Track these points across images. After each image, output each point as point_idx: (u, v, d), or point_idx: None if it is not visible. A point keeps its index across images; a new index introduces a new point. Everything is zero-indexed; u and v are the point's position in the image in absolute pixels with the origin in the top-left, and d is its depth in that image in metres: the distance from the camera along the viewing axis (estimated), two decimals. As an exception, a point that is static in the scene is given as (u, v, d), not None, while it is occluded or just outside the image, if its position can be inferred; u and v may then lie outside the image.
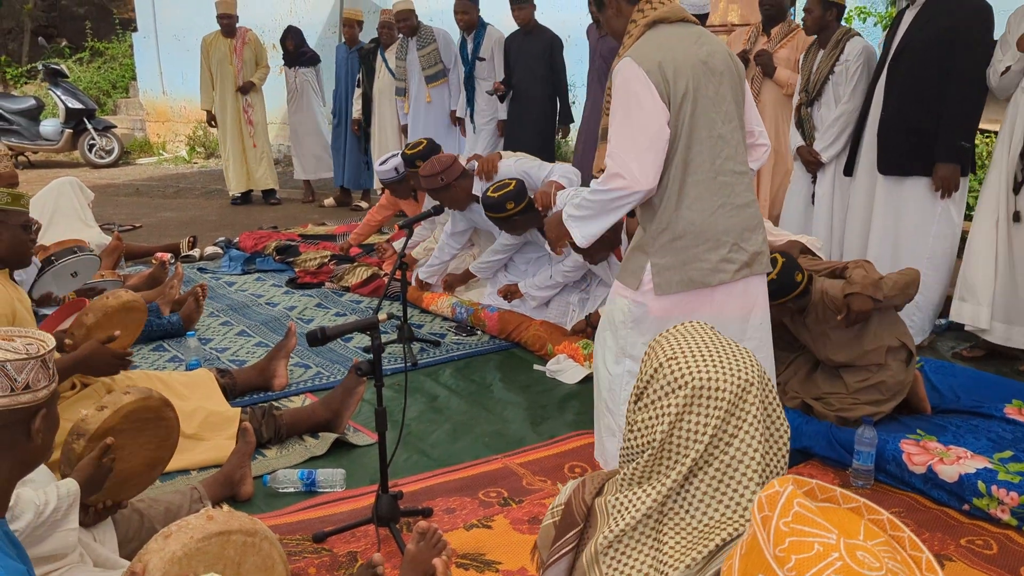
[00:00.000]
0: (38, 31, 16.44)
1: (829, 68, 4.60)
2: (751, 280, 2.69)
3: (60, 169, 11.30)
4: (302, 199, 9.10)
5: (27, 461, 1.65)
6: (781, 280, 3.27)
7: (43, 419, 1.62)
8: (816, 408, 3.37)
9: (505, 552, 2.67)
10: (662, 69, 2.49)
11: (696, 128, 2.55)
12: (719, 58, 2.61)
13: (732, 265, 2.61)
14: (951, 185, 4.12)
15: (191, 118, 12.56)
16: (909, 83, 4.12)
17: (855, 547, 1.00)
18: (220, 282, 5.92)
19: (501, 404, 3.90)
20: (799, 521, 1.04)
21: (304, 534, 2.77)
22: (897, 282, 3.31)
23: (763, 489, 1.11)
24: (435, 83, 7.34)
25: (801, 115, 4.78)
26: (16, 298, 3.04)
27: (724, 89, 2.60)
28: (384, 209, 6.20)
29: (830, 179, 4.75)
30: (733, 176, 2.62)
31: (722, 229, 2.59)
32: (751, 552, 1.08)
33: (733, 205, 2.61)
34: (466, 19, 6.88)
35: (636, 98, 2.50)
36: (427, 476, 3.20)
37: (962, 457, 2.99)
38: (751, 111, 2.77)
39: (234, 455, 3.05)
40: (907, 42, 4.14)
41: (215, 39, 8.49)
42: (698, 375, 1.41)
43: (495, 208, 4.46)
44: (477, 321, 4.82)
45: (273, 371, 3.96)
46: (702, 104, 2.54)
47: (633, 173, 2.50)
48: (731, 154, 2.62)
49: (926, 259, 4.20)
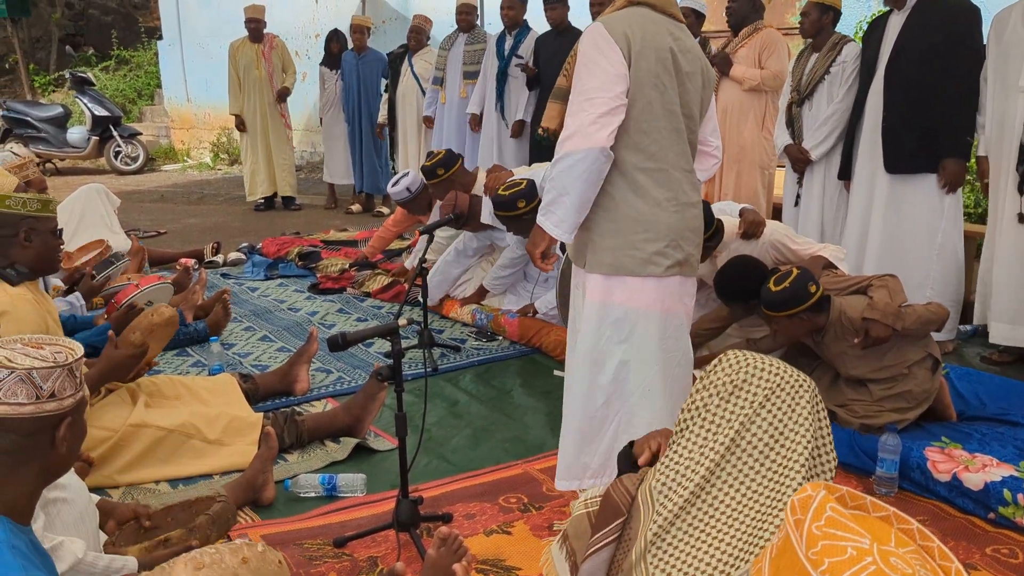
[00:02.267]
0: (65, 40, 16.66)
1: (825, 69, 4.71)
2: (683, 280, 2.68)
3: (87, 176, 11.42)
4: (325, 205, 9.15)
5: (52, 469, 1.65)
6: (794, 289, 3.23)
7: (68, 427, 1.62)
8: (839, 415, 3.34)
9: (525, 558, 2.67)
10: (628, 40, 2.48)
11: (652, 116, 2.53)
12: (691, 58, 2.60)
13: (666, 260, 2.59)
14: (959, 180, 4.20)
15: (215, 125, 12.67)
16: (911, 84, 4.21)
17: (888, 553, 1.00)
18: (243, 287, 5.96)
19: (521, 409, 3.90)
20: (832, 525, 1.05)
21: (324, 539, 2.78)
22: (921, 316, 3.25)
23: (796, 493, 1.12)
24: (472, 81, 7.39)
25: (792, 114, 4.89)
26: (47, 310, 3.07)
27: (690, 87, 2.59)
28: (399, 224, 6.18)
29: (820, 180, 4.84)
30: (683, 173, 2.62)
31: (664, 223, 2.58)
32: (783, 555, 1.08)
33: (679, 202, 2.61)
34: (511, 15, 6.92)
35: (598, 60, 2.49)
36: (447, 481, 3.20)
37: (988, 465, 2.95)
38: (710, 122, 2.78)
39: (257, 460, 3.07)
40: (902, 46, 4.24)
41: (242, 44, 8.58)
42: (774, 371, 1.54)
43: (506, 206, 4.45)
44: (497, 327, 4.82)
45: (295, 376, 3.98)
46: (661, 94, 2.53)
47: (585, 131, 2.45)
48: (684, 151, 2.62)
49: (935, 254, 4.27)
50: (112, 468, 3.08)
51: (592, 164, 2.47)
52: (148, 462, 3.14)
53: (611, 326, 2.65)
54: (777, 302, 3.26)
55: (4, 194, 3.06)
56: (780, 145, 5.01)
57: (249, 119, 8.68)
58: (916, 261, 4.31)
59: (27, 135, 11.54)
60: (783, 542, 1.10)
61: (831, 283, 3.46)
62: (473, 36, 7.41)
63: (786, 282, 3.23)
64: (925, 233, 4.29)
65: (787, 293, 3.22)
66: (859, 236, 4.53)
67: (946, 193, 4.24)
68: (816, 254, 3.73)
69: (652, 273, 2.59)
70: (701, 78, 2.65)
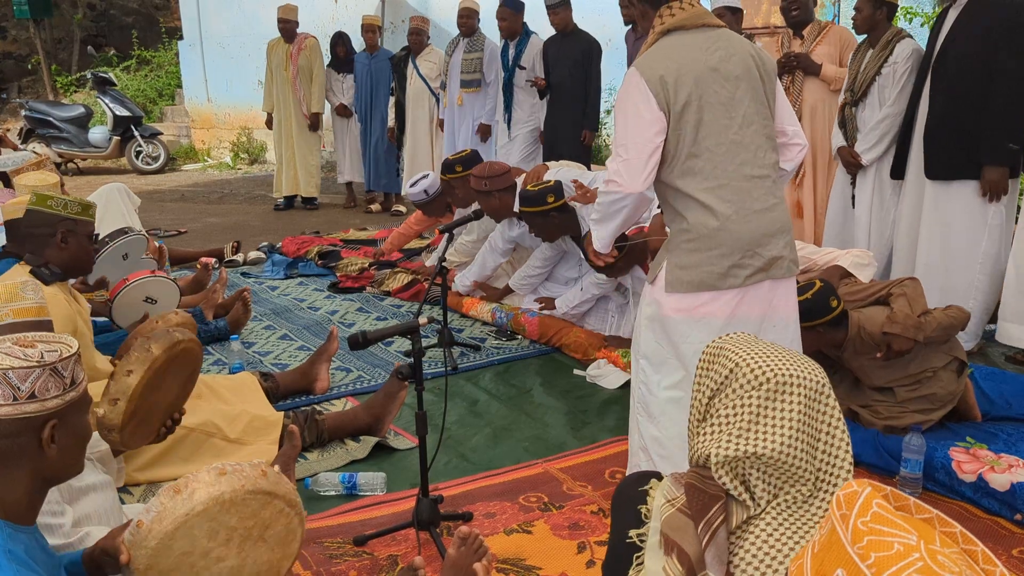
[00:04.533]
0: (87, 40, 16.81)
1: (877, 69, 4.51)
2: (768, 284, 2.65)
3: (108, 175, 11.52)
4: (344, 204, 9.19)
5: (46, 473, 1.59)
6: (816, 301, 3.18)
7: (54, 429, 1.55)
8: (863, 416, 3.31)
9: (545, 557, 2.66)
10: (663, 80, 2.53)
11: (704, 136, 2.56)
12: (736, 61, 2.60)
13: (744, 271, 2.59)
14: (1000, 188, 4.03)
15: (235, 125, 12.74)
16: (954, 84, 4.04)
17: (935, 552, 0.99)
18: (263, 286, 5.98)
19: (541, 409, 3.89)
20: (877, 521, 1.05)
21: (345, 537, 2.78)
22: (942, 323, 3.20)
23: (840, 488, 1.12)
24: (468, 89, 7.39)
25: (845, 115, 4.70)
26: (77, 312, 3.09)
27: (741, 93, 2.59)
28: (420, 223, 6.18)
29: (871, 183, 4.67)
30: (751, 181, 2.61)
31: (735, 236, 2.58)
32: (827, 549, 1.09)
33: (750, 210, 2.60)
34: (505, 26, 6.90)
35: (634, 108, 2.57)
36: (467, 480, 3.20)
37: (1014, 465, 2.91)
38: (783, 110, 2.75)
39: (280, 457, 3.07)
40: (950, 43, 4.06)
41: (277, 44, 8.66)
42: (779, 371, 1.54)
43: (534, 201, 4.44)
44: (517, 326, 4.82)
45: (315, 375, 3.99)
46: (710, 111, 2.55)
47: (623, 178, 2.59)
48: (748, 159, 2.60)
49: (978, 264, 4.13)
50: (132, 466, 3.10)
51: (629, 206, 2.66)
52: (169, 460, 3.16)
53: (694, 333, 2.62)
54: None
55: (48, 194, 3.10)
56: (834, 146, 4.81)
57: (277, 119, 8.76)
58: (960, 271, 4.17)
59: (49, 135, 11.65)
60: (827, 536, 1.10)
61: (849, 294, 3.41)
62: (472, 43, 7.36)
63: (808, 293, 3.19)
64: (966, 243, 4.14)
65: (807, 304, 3.18)
66: (909, 242, 4.38)
67: (988, 202, 4.07)
68: (834, 262, 3.67)
69: (732, 285, 2.59)
70: (758, 73, 2.63)
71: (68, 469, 1.64)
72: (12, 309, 2.20)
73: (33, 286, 2.32)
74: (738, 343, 1.63)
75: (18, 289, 2.25)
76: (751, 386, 1.54)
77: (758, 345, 1.61)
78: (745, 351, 1.59)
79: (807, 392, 1.53)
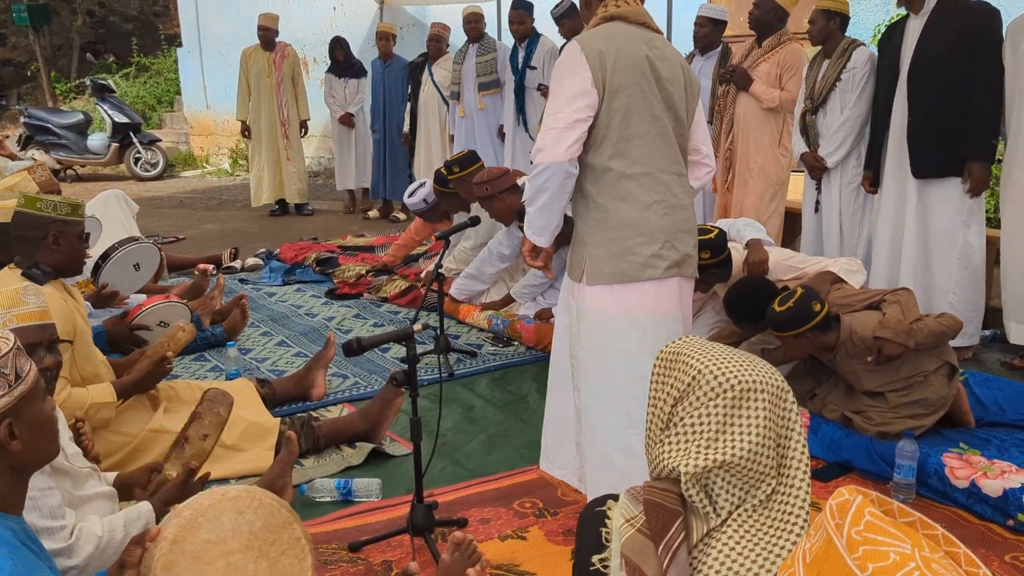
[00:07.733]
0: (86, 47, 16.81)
1: (836, 76, 4.66)
2: (681, 281, 2.71)
3: (107, 182, 11.52)
4: (343, 210, 9.19)
5: (17, 464, 1.57)
6: (799, 308, 3.21)
7: (11, 427, 1.53)
8: (856, 421, 3.32)
9: (539, 563, 2.67)
10: (602, 55, 2.56)
11: (633, 123, 2.59)
12: (668, 66, 2.66)
13: (663, 262, 2.63)
14: (984, 184, 4.17)
15: (234, 131, 12.70)
16: (935, 88, 4.17)
17: (929, 559, 1.00)
18: (260, 293, 5.99)
19: (537, 415, 3.88)
20: (871, 530, 1.05)
21: (340, 543, 2.79)
22: (933, 331, 3.22)
23: (832, 497, 1.13)
24: (487, 92, 7.37)
25: (806, 122, 4.85)
26: (75, 308, 3.09)
27: (671, 93, 2.64)
28: (420, 232, 6.18)
29: (837, 186, 4.81)
30: (672, 176, 2.66)
31: (656, 226, 2.62)
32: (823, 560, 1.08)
33: (669, 204, 2.64)
34: (521, 29, 6.91)
35: (569, 79, 2.59)
36: (462, 486, 3.21)
37: (1007, 471, 2.92)
38: (700, 129, 2.82)
39: (276, 464, 3.07)
40: (922, 50, 4.19)
41: (254, 52, 8.61)
42: (742, 377, 1.54)
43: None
44: (513, 332, 4.83)
45: (311, 381, 4.00)
46: (641, 100, 2.59)
47: (548, 146, 2.58)
48: (672, 155, 2.66)
49: (956, 259, 4.24)
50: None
51: (552, 177, 2.60)
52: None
53: (621, 334, 2.65)
54: (782, 322, 3.25)
55: (35, 196, 3.10)
56: (796, 152, 4.97)
57: (256, 125, 8.68)
58: (940, 266, 4.29)
59: (48, 142, 11.66)
60: (823, 547, 1.09)
61: (842, 299, 3.43)
62: (483, 47, 7.37)
63: (790, 302, 3.22)
64: (947, 238, 4.27)
65: (791, 313, 3.21)
66: (891, 243, 4.48)
67: (970, 197, 4.20)
68: (824, 269, 3.69)
69: (651, 276, 2.63)
70: (684, 84, 2.70)
71: (40, 457, 1.62)
72: (16, 314, 2.22)
73: (34, 290, 2.34)
74: (693, 348, 1.63)
75: (19, 294, 2.26)
76: (715, 393, 1.55)
77: (714, 349, 1.62)
78: (704, 357, 1.59)
79: (770, 395, 1.54)
